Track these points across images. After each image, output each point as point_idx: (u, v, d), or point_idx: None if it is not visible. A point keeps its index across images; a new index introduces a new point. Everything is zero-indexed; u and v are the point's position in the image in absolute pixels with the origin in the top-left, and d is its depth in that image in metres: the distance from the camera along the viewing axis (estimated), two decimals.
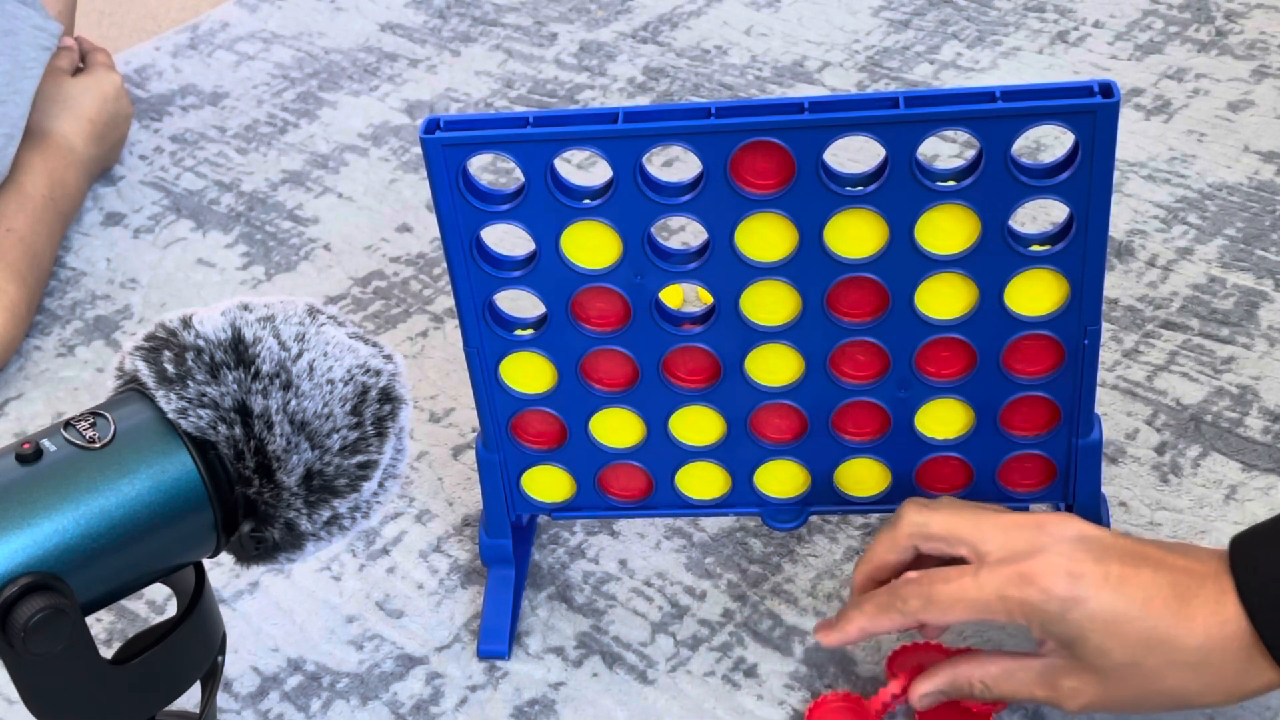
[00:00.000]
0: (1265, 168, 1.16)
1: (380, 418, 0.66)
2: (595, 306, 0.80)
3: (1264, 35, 1.31)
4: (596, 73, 1.40)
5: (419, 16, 1.54)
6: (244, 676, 0.88)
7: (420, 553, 0.94)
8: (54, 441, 0.62)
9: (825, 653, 0.84)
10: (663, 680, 0.84)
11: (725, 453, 0.85)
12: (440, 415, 1.04)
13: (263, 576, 0.94)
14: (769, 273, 0.77)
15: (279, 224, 1.26)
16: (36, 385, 1.12)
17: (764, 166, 0.74)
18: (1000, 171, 0.73)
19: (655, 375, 0.82)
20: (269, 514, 0.64)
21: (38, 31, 1.25)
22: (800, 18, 1.44)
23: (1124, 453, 0.94)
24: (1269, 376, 0.98)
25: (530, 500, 0.88)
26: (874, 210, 0.75)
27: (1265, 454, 0.93)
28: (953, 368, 0.80)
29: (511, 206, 0.76)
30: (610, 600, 0.89)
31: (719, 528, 0.93)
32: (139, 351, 0.64)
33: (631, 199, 0.75)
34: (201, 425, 0.62)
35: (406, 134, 1.35)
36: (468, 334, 0.81)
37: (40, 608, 0.58)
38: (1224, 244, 1.09)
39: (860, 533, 0.91)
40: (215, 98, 1.45)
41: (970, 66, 1.33)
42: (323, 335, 0.65)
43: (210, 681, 0.69)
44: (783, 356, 0.81)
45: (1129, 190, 1.15)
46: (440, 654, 0.87)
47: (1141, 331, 1.03)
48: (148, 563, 0.63)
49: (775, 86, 1.34)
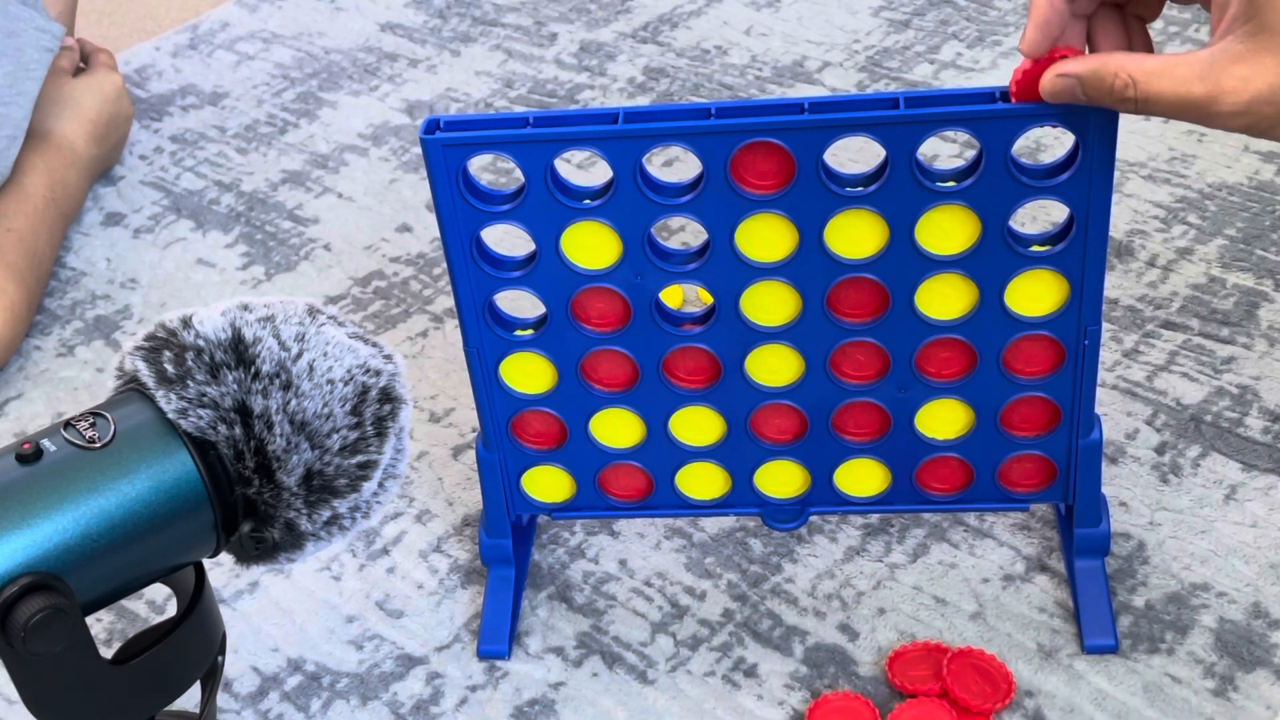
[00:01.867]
0: (1265, 168, 1.16)
1: (380, 418, 0.66)
2: (595, 307, 0.80)
3: None
4: (596, 73, 1.40)
5: (419, 16, 1.54)
6: (244, 676, 0.88)
7: (420, 553, 0.94)
8: (54, 441, 0.62)
9: (825, 652, 0.84)
10: (663, 680, 0.84)
11: (725, 453, 0.85)
12: (440, 415, 1.04)
13: (263, 576, 0.94)
14: (769, 273, 0.77)
15: (279, 224, 1.26)
16: (36, 385, 1.12)
17: (764, 167, 0.74)
18: (1000, 172, 0.73)
19: (655, 375, 0.82)
20: (269, 514, 0.64)
21: (40, 33, 1.25)
22: (800, 18, 1.44)
23: (1124, 453, 0.94)
24: (1269, 376, 0.98)
25: (530, 500, 0.88)
26: (874, 210, 0.75)
27: (1265, 454, 0.93)
28: (953, 368, 0.80)
29: (511, 206, 0.76)
30: (610, 600, 0.89)
31: (719, 528, 0.93)
32: (139, 351, 0.64)
33: (631, 199, 0.75)
34: (201, 425, 0.62)
35: (406, 134, 1.35)
36: (468, 334, 0.81)
37: (40, 608, 0.58)
38: (1224, 244, 1.09)
39: (860, 533, 0.91)
40: (215, 98, 1.45)
41: (970, 66, 1.33)
42: (323, 335, 0.65)
43: (210, 681, 0.69)
44: (783, 357, 0.81)
45: (1129, 190, 1.15)
46: (440, 654, 0.87)
47: (1141, 331, 1.03)
48: (148, 563, 0.63)
49: (775, 86, 1.34)
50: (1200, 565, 0.87)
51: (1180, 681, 0.81)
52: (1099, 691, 0.80)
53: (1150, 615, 0.84)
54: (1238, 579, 0.86)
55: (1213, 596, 0.85)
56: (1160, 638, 0.83)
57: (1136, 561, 0.87)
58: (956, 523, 0.91)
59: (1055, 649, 0.83)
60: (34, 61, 1.24)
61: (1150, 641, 0.83)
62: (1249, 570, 0.86)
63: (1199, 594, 0.85)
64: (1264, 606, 0.84)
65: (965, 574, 0.88)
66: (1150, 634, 0.83)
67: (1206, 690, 0.80)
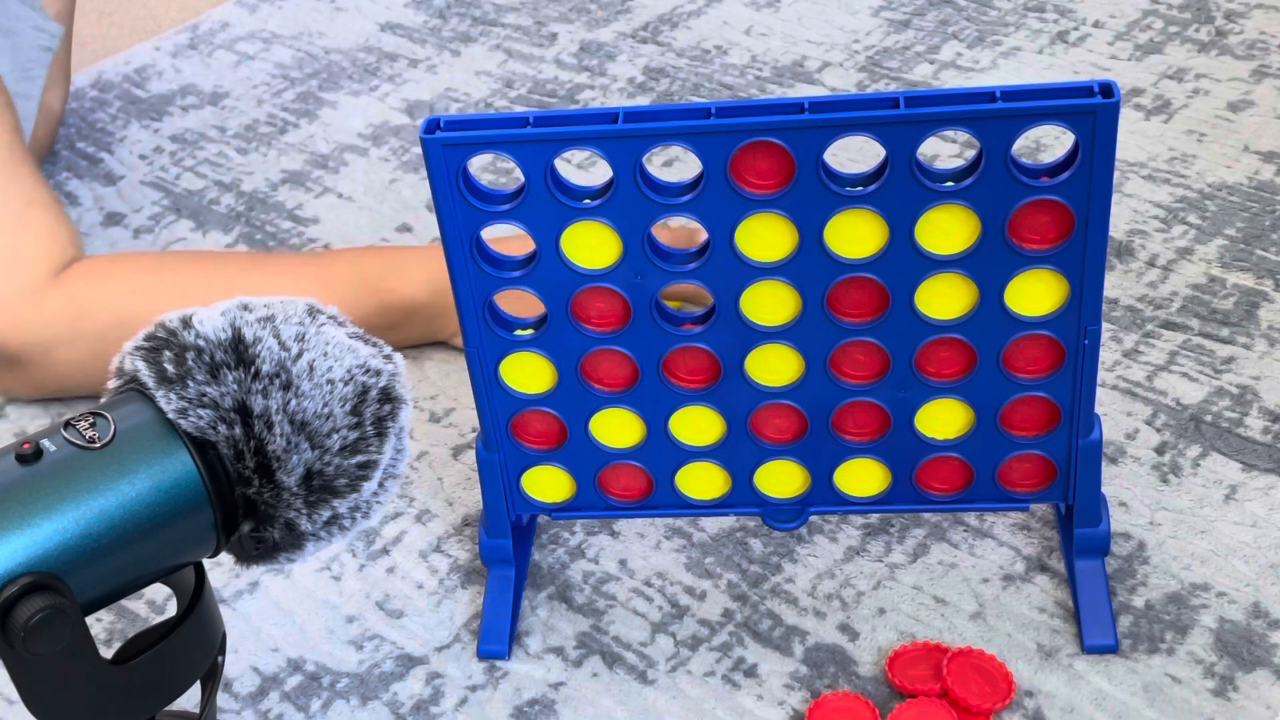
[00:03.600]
0: (1265, 168, 1.16)
1: (380, 418, 0.66)
2: (595, 306, 0.80)
3: (1264, 35, 1.31)
4: (596, 73, 1.40)
5: (419, 16, 1.54)
6: (244, 676, 0.88)
7: (420, 553, 0.94)
8: (54, 441, 0.62)
9: (825, 652, 0.84)
10: (663, 680, 0.84)
11: (725, 453, 0.85)
12: (440, 415, 1.04)
13: (263, 576, 0.94)
14: (769, 273, 0.77)
15: (279, 224, 1.26)
16: None
17: (764, 166, 0.74)
18: (1000, 171, 0.73)
19: (655, 375, 0.82)
20: (269, 514, 0.64)
21: (38, 32, 1.25)
22: (800, 18, 1.44)
23: (1124, 453, 0.94)
24: (1269, 376, 0.98)
25: (530, 500, 0.88)
26: (874, 210, 0.75)
27: (1265, 454, 0.93)
28: (953, 368, 0.80)
29: (511, 206, 0.76)
30: (610, 600, 0.89)
31: (719, 528, 0.93)
32: (139, 351, 0.64)
33: (631, 199, 0.75)
34: (201, 425, 0.62)
35: (406, 134, 1.35)
36: (468, 334, 0.81)
37: (40, 608, 0.58)
38: (1224, 244, 1.09)
39: (860, 533, 0.91)
40: (215, 98, 1.45)
41: (970, 66, 1.33)
42: (323, 335, 0.65)
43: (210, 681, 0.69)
44: (783, 356, 0.81)
45: (1129, 190, 1.15)
46: (440, 654, 0.87)
47: (1141, 331, 1.03)
48: (148, 563, 0.63)
49: (775, 86, 1.34)
50: (1200, 565, 0.87)
51: (1180, 681, 0.81)
52: (1099, 691, 0.80)
53: (1150, 615, 0.84)
54: (1238, 579, 0.86)
55: (1213, 596, 0.85)
56: (1160, 638, 0.83)
57: (1136, 561, 0.87)
58: (956, 523, 0.91)
59: (1055, 649, 0.83)
60: (32, 61, 1.23)
61: (1150, 641, 0.83)
62: (1249, 570, 0.86)
63: (1199, 594, 0.85)
64: (1264, 606, 0.84)
65: (965, 574, 0.88)
66: (1150, 634, 0.83)
67: (1206, 690, 0.80)
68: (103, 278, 1.05)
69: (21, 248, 1.04)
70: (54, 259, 1.04)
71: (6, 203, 1.05)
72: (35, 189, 1.08)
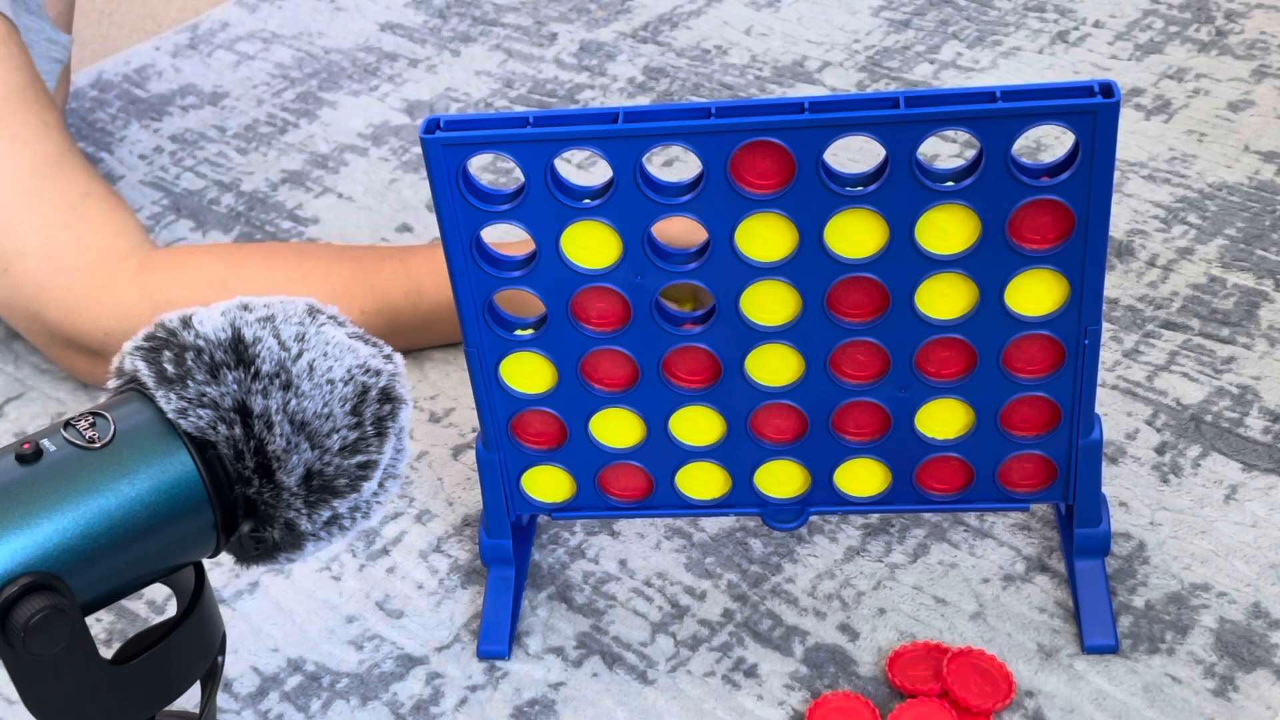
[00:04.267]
0: (1265, 168, 1.16)
1: (380, 418, 0.66)
2: (595, 306, 0.80)
3: (1264, 35, 1.31)
4: (596, 73, 1.40)
5: (419, 16, 1.54)
6: (244, 676, 0.88)
7: (420, 553, 0.94)
8: (54, 441, 0.62)
9: (825, 652, 0.84)
10: (663, 680, 0.84)
11: (725, 453, 0.85)
12: (440, 415, 1.04)
13: (263, 576, 0.94)
14: (769, 273, 0.77)
15: (279, 224, 1.26)
16: (36, 385, 1.12)
17: (764, 166, 0.74)
18: (1000, 171, 0.73)
19: (655, 375, 0.82)
20: (269, 514, 0.64)
21: (51, 44, 1.24)
22: (800, 18, 1.44)
23: (1124, 453, 0.94)
24: (1269, 376, 0.98)
25: (530, 500, 0.88)
26: (874, 210, 0.75)
27: (1265, 454, 0.93)
28: (953, 368, 0.80)
29: (511, 206, 0.76)
30: (610, 600, 0.89)
31: (719, 528, 0.93)
32: (139, 351, 0.64)
33: (631, 199, 0.75)
34: (201, 425, 0.62)
35: (406, 134, 1.35)
36: (468, 334, 0.81)
37: (40, 608, 0.58)
38: (1224, 244, 1.09)
39: (860, 533, 0.91)
40: (215, 98, 1.45)
41: (970, 66, 1.33)
42: (323, 335, 0.65)
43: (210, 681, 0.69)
44: (783, 356, 0.81)
45: (1129, 190, 1.15)
46: (440, 654, 0.87)
47: (1141, 331, 1.03)
48: (148, 563, 0.63)
49: (775, 86, 1.34)
50: (1200, 565, 0.87)
51: (1180, 681, 0.81)
52: (1099, 691, 0.80)
53: (1150, 615, 0.84)
54: (1238, 579, 0.86)
55: (1213, 596, 0.85)
56: (1160, 638, 0.83)
57: (1136, 561, 0.87)
58: (956, 523, 0.91)
59: (1055, 649, 0.83)
60: (45, 74, 1.23)
61: (1150, 641, 0.83)
62: (1249, 570, 0.86)
63: (1199, 594, 0.85)
64: (1264, 606, 0.84)
65: (965, 574, 0.88)
66: (1150, 634, 0.83)
67: (1206, 690, 0.80)
68: (181, 269, 1.05)
69: (84, 238, 1.05)
70: (121, 249, 1.05)
71: (63, 196, 1.06)
72: (90, 182, 1.08)
